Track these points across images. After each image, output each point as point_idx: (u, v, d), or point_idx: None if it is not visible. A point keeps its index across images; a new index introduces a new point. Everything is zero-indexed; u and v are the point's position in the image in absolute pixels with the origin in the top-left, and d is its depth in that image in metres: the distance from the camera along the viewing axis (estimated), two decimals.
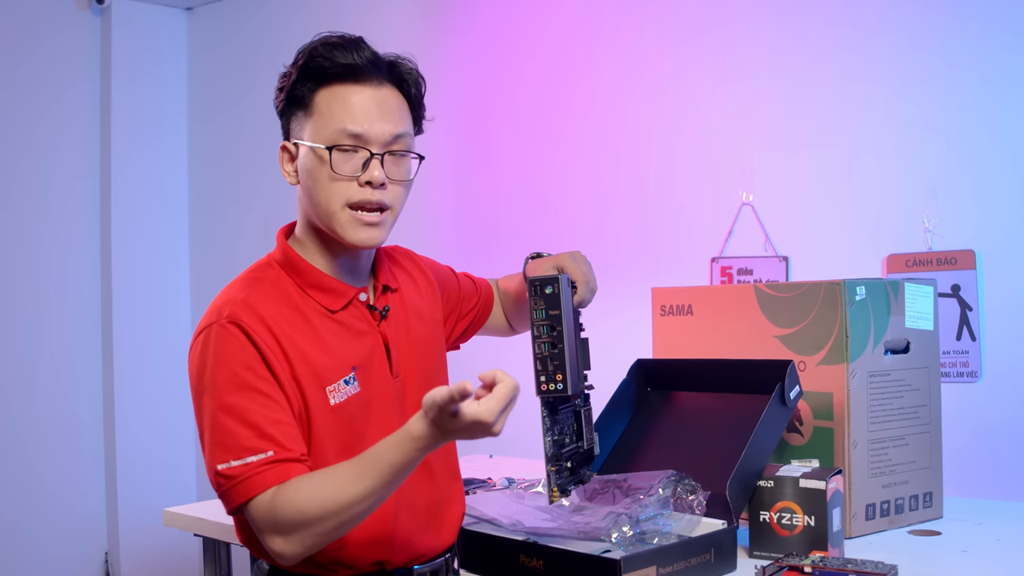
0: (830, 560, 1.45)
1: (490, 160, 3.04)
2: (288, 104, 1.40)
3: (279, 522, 1.24)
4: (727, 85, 2.53)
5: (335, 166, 1.34)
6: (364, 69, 1.36)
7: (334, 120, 1.34)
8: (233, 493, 1.27)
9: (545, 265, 1.61)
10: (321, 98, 1.36)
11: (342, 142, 1.34)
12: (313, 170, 1.36)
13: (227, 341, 1.30)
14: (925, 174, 2.23)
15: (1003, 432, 2.14)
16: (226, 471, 1.26)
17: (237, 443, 1.26)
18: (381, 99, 1.37)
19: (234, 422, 1.27)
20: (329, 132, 1.35)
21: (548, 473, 1.44)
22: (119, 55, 3.65)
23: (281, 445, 1.28)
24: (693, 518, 1.54)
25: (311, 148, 1.36)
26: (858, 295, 1.74)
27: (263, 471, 1.26)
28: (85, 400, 3.64)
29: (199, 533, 2.12)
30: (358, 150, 1.35)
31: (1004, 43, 2.14)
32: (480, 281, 1.76)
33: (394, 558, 1.40)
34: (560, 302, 1.44)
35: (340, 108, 1.35)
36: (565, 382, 1.48)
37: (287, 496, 1.24)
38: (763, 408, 1.62)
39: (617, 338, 2.52)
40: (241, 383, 1.29)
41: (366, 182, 1.35)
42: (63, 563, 3.54)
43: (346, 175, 1.35)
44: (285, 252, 1.42)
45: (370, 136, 1.35)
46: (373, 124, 1.35)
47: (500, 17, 3.00)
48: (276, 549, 1.26)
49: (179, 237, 3.88)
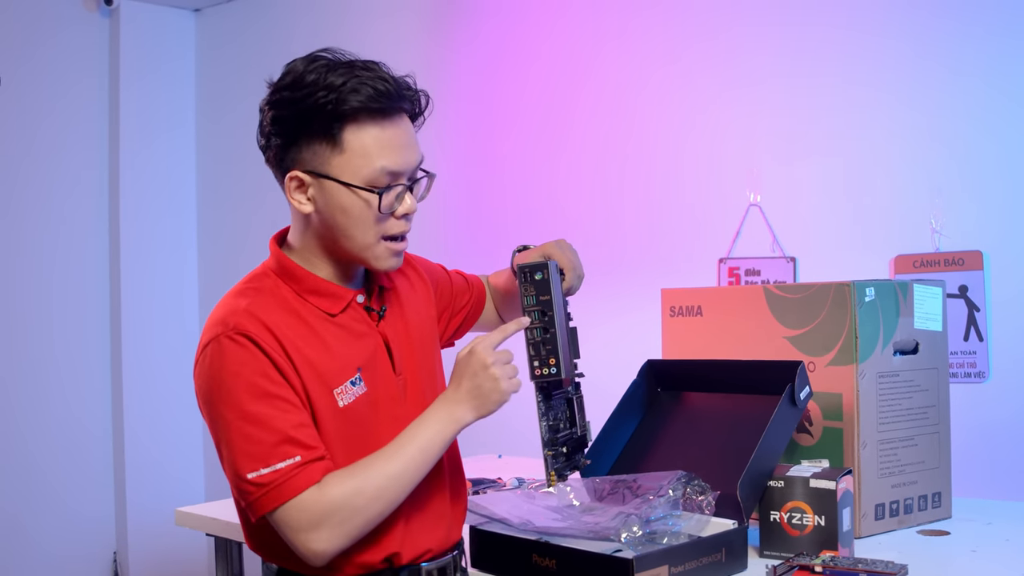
0: (840, 560, 1.46)
1: (497, 162, 3.04)
2: (301, 132, 1.34)
3: (324, 518, 1.29)
4: (734, 88, 2.54)
5: (385, 207, 1.35)
6: (393, 105, 1.35)
7: (375, 159, 1.33)
8: (265, 500, 1.29)
9: (532, 254, 1.63)
10: (352, 135, 1.33)
11: (383, 182, 1.35)
12: (350, 208, 1.35)
13: (237, 352, 1.31)
14: (931, 175, 2.24)
15: (1011, 432, 2.15)
16: (257, 479, 1.28)
17: (264, 450, 1.28)
18: (405, 129, 1.38)
19: (258, 430, 1.29)
20: (368, 172, 1.33)
21: (545, 457, 1.47)
22: (127, 55, 3.67)
23: (307, 447, 1.30)
24: (703, 518, 1.54)
25: (349, 187, 1.34)
26: (867, 296, 1.74)
27: (295, 474, 1.29)
28: (94, 400, 3.66)
29: (211, 533, 2.13)
30: (394, 186, 1.36)
31: (1008, 47, 2.14)
32: (471, 278, 1.78)
33: (403, 555, 1.42)
34: (550, 288, 1.47)
35: (378, 147, 1.33)
36: (558, 366, 1.51)
37: (328, 492, 1.30)
38: (773, 409, 1.63)
39: (626, 338, 2.53)
40: (259, 391, 1.30)
41: (403, 215, 1.38)
42: (72, 563, 3.55)
43: (387, 212, 1.37)
44: (280, 260, 1.43)
45: (404, 171, 1.37)
46: (407, 158, 1.37)
47: (508, 19, 3.01)
48: (317, 548, 1.30)
49: (187, 236, 3.89)
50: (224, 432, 1.31)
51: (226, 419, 1.30)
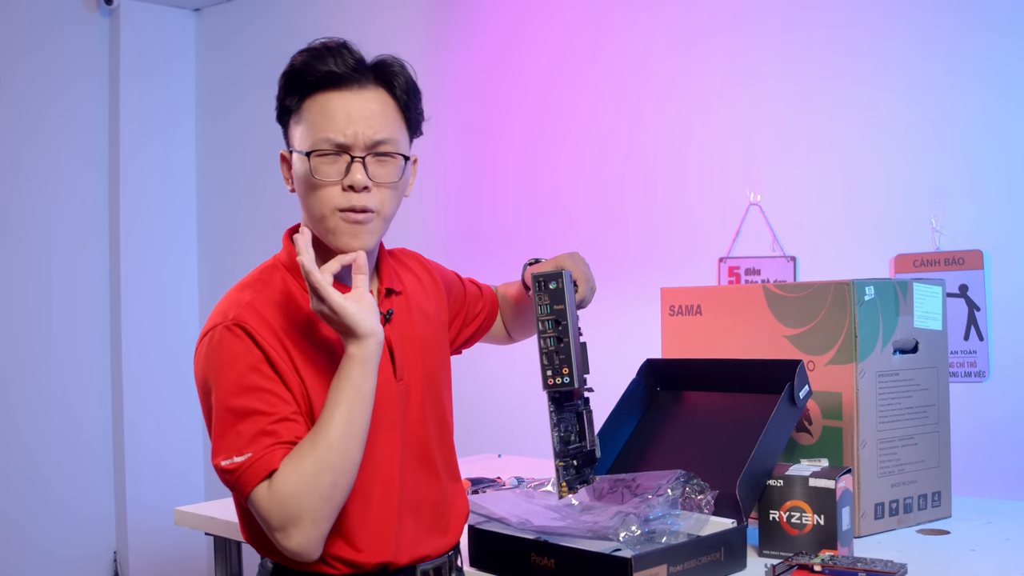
0: (839, 559, 1.46)
1: (498, 161, 3.04)
2: (281, 113, 1.43)
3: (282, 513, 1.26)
4: (735, 88, 2.54)
5: (316, 172, 1.36)
6: (345, 75, 1.37)
7: (316, 128, 1.37)
8: (238, 487, 1.29)
9: (545, 266, 1.62)
10: (307, 107, 1.38)
11: (324, 148, 1.36)
12: (300, 177, 1.39)
13: (232, 343, 1.32)
14: (932, 174, 2.24)
15: (1010, 432, 2.14)
16: (228, 466, 1.29)
17: (242, 441, 1.29)
18: (363, 103, 1.37)
19: (239, 421, 1.29)
20: (312, 140, 1.37)
21: (557, 468, 1.46)
22: (127, 55, 3.67)
23: (280, 438, 1.29)
24: (702, 517, 1.54)
25: (299, 154, 1.38)
26: (867, 295, 1.74)
27: (256, 462, 1.27)
28: (93, 399, 3.66)
29: (210, 532, 2.13)
30: (340, 155, 1.36)
31: (1009, 47, 2.14)
32: (485, 287, 1.78)
33: (398, 559, 1.41)
34: (564, 297, 1.46)
35: (321, 116, 1.37)
36: (572, 375, 1.50)
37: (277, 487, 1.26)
38: (772, 408, 1.63)
39: (626, 338, 2.53)
40: (248, 383, 1.30)
41: (348, 186, 1.36)
42: (72, 563, 3.56)
43: (328, 180, 1.36)
44: (290, 254, 1.42)
45: (351, 141, 1.36)
46: (353, 129, 1.36)
47: (508, 17, 3.01)
48: (290, 544, 1.27)
49: (187, 235, 3.89)
50: (211, 420, 1.33)
51: (215, 408, 1.31)
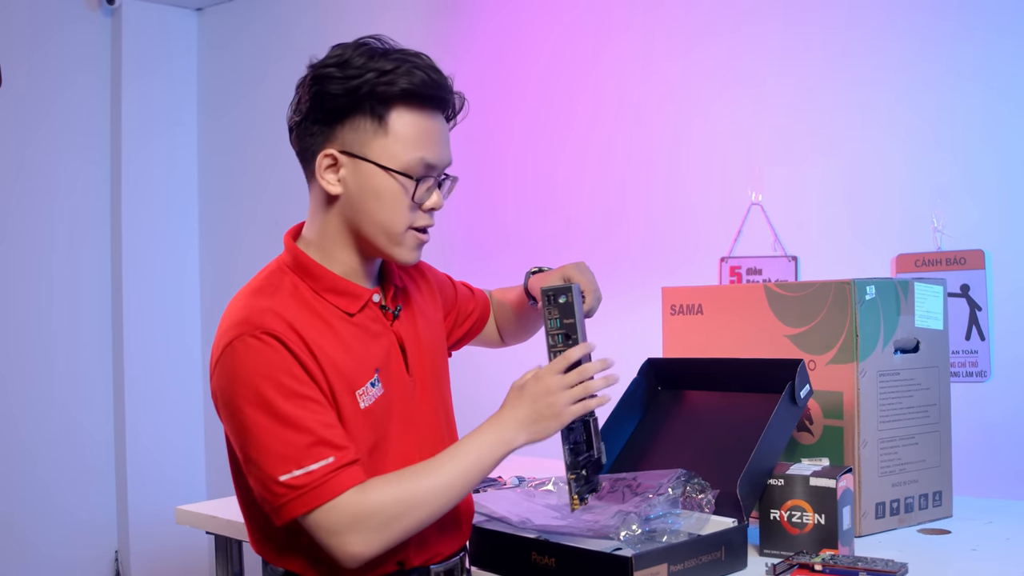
0: (840, 558, 1.46)
1: (498, 162, 3.04)
2: (346, 110, 1.34)
3: (363, 521, 1.27)
4: (736, 88, 2.54)
5: (418, 197, 1.37)
6: (439, 96, 1.38)
7: (415, 148, 1.35)
8: (299, 502, 1.26)
9: (552, 276, 1.62)
10: (398, 119, 1.34)
11: (418, 172, 1.36)
12: (384, 192, 1.35)
13: (264, 351, 1.28)
14: (933, 174, 2.24)
15: (1012, 431, 2.14)
16: (290, 481, 1.26)
17: (297, 452, 1.26)
18: (443, 126, 1.41)
19: (289, 431, 1.26)
20: (409, 159, 1.35)
21: (568, 481, 1.46)
22: (129, 54, 3.66)
23: (338, 448, 1.29)
24: (702, 516, 1.54)
25: (388, 171, 1.34)
26: (868, 295, 1.74)
27: (332, 476, 1.26)
28: (95, 399, 3.66)
29: (211, 531, 2.13)
30: (426, 178, 1.38)
31: (1009, 48, 2.14)
32: (477, 290, 1.78)
33: (413, 558, 1.41)
34: (574, 312, 1.46)
35: (419, 137, 1.35)
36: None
37: (370, 495, 1.28)
38: (773, 407, 1.63)
39: (627, 338, 2.53)
40: (288, 391, 1.28)
41: (430, 208, 1.39)
42: (73, 563, 3.56)
43: (421, 201, 1.38)
44: (297, 256, 1.40)
45: (440, 165, 1.39)
46: (442, 155, 1.39)
47: (508, 19, 3.01)
48: (353, 550, 1.28)
49: (189, 235, 3.89)
50: (251, 434, 1.28)
51: (254, 420, 1.27)
